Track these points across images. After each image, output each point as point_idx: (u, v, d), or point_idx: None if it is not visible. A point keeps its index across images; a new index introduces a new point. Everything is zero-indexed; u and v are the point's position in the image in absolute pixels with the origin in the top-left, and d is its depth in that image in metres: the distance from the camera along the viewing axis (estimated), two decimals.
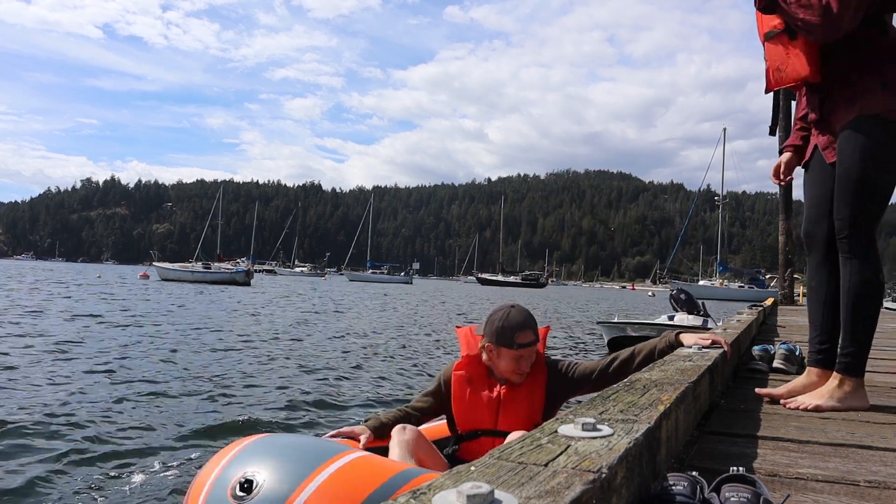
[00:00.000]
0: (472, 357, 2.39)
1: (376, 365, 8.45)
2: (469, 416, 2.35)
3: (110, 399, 5.47)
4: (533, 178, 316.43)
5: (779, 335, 5.22)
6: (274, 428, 4.70)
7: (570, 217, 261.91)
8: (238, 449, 1.88)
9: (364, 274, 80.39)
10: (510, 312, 2.30)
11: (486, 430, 2.32)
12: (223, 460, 1.85)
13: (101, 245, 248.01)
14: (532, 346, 2.28)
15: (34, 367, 6.82)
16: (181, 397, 5.74)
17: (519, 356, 2.27)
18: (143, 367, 7.19)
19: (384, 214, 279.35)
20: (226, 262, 48.62)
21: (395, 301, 27.98)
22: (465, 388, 2.36)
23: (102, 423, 4.69)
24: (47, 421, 4.63)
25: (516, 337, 2.24)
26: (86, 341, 9.08)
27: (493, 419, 2.32)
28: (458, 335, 2.55)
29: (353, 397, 6.19)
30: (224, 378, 6.73)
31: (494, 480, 0.68)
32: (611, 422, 1.00)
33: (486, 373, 2.37)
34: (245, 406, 5.53)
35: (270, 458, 1.78)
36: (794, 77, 2.03)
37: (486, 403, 2.33)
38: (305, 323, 14.17)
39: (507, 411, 2.30)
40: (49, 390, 5.70)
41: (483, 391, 2.34)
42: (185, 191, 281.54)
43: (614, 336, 10.24)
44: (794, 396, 2.03)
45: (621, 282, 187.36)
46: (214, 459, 1.91)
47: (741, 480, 0.92)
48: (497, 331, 2.28)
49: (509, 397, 2.31)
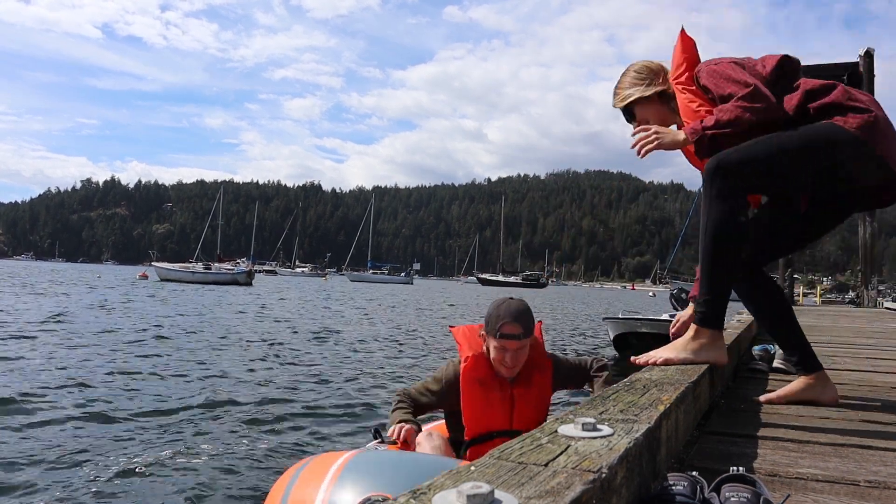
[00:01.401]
0: (476, 357, 2.32)
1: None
2: (482, 418, 2.28)
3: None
4: (533, 178, 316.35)
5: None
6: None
7: (570, 217, 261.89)
8: (336, 468, 1.69)
9: (365, 274, 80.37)
10: (504, 303, 2.29)
11: (500, 430, 2.26)
12: (323, 483, 1.65)
13: (102, 245, 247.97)
14: (516, 340, 2.21)
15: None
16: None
17: (502, 347, 2.22)
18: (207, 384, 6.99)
19: (384, 214, 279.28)
20: (226, 262, 48.51)
21: (407, 301, 27.94)
22: (475, 390, 2.28)
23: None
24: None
25: (501, 326, 2.20)
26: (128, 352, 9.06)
27: (507, 420, 2.27)
28: (455, 335, 2.46)
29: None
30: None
31: (494, 480, 0.67)
32: (611, 422, 1.00)
33: (493, 372, 2.31)
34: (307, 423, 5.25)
35: (393, 477, 1.60)
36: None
37: (499, 404, 2.27)
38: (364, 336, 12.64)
39: (521, 410, 2.26)
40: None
41: (494, 392, 2.28)
42: (185, 191, 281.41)
43: (620, 332, 10.21)
44: (789, 400, 1.98)
45: (621, 282, 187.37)
46: (304, 482, 1.71)
47: (741, 480, 0.92)
48: (488, 318, 2.27)
49: (521, 396, 2.28)
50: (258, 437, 4.61)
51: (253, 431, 4.77)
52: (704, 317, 1.87)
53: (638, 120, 2.12)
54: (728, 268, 1.84)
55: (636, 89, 2.11)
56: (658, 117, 2.10)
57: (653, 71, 2.14)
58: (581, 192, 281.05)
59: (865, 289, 15.77)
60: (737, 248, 1.83)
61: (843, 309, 14.58)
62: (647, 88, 2.10)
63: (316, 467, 1.77)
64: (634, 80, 2.14)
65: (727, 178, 1.80)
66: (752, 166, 1.81)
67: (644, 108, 2.11)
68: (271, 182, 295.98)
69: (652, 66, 2.16)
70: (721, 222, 1.80)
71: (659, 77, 2.13)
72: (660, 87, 2.10)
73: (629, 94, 2.12)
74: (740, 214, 1.82)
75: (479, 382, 2.28)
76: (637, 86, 2.12)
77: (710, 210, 1.82)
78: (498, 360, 2.25)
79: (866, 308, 14.54)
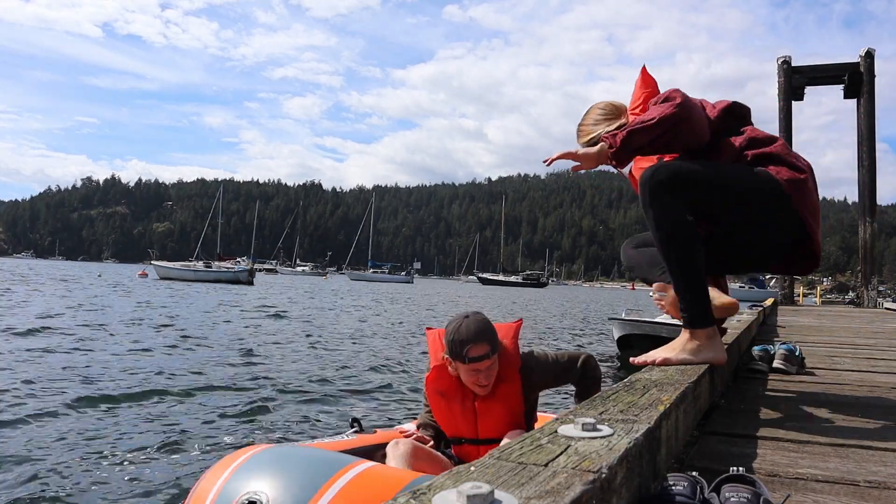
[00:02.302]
0: (440, 367, 2.29)
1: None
2: (450, 426, 2.32)
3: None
4: (533, 177, 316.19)
5: (778, 335, 5.21)
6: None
7: (571, 217, 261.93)
8: (237, 464, 1.75)
9: (365, 273, 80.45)
10: (462, 324, 2.19)
11: (469, 438, 2.29)
12: (221, 476, 1.73)
13: (102, 244, 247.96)
14: (486, 360, 2.16)
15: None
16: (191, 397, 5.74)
17: (474, 370, 2.17)
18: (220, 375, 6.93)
19: (384, 214, 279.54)
20: (226, 261, 48.51)
21: (412, 299, 27.93)
22: (439, 401, 2.30)
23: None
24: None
25: (467, 351, 2.14)
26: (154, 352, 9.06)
27: (472, 429, 2.28)
28: (428, 340, 2.43)
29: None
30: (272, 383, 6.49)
31: (494, 480, 0.68)
32: (611, 422, 1.00)
33: (457, 383, 2.27)
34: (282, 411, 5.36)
35: (274, 473, 1.66)
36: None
37: (461, 416, 2.27)
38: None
39: (486, 421, 2.25)
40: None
41: (456, 404, 2.27)
42: (186, 190, 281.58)
43: (625, 333, 10.18)
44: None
45: (621, 282, 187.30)
46: (211, 475, 1.78)
47: (741, 480, 0.92)
48: (449, 343, 2.19)
49: (485, 409, 2.24)
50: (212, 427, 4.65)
51: (250, 424, 4.79)
52: (691, 319, 1.84)
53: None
54: (693, 265, 1.81)
55: (600, 126, 2.16)
56: None
57: (617, 108, 2.21)
58: (581, 192, 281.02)
59: (865, 289, 15.78)
60: (694, 243, 1.80)
61: (843, 309, 14.58)
62: (611, 124, 2.15)
63: (226, 460, 1.83)
64: (599, 117, 2.19)
65: (666, 183, 1.82)
66: (686, 177, 1.83)
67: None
68: (271, 181, 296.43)
69: (616, 104, 2.23)
70: (672, 224, 1.80)
71: (623, 115, 2.19)
72: (623, 122, 2.14)
73: (593, 131, 2.16)
74: (685, 213, 1.82)
75: (440, 394, 2.29)
76: (600, 123, 2.18)
77: (656, 217, 1.82)
78: (473, 383, 2.21)
79: (866, 308, 14.55)
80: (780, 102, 16.37)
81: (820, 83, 17.38)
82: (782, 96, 16.37)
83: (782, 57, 16.65)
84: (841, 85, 16.64)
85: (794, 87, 16.56)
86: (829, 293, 71.57)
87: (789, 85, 16.36)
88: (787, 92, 16.35)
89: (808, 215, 1.82)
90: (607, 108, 2.21)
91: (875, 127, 15.76)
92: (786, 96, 16.36)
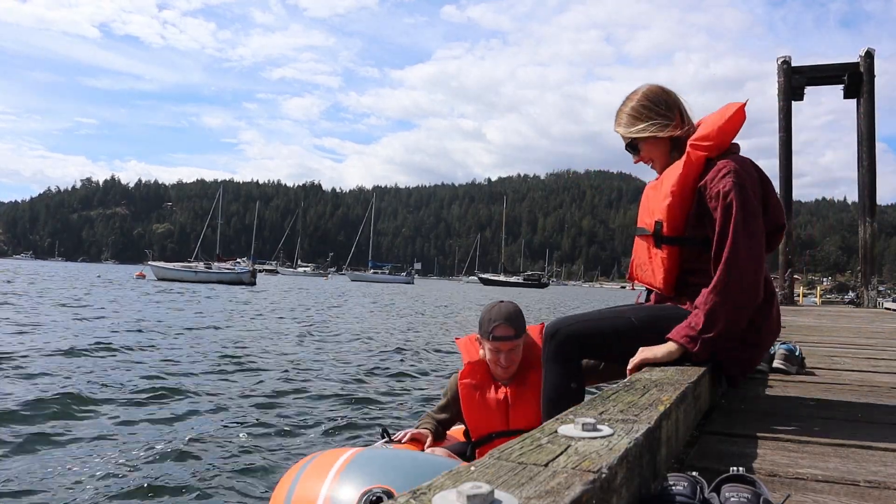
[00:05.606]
0: (474, 363, 2.42)
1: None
2: (481, 420, 2.38)
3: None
4: (533, 178, 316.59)
5: (778, 335, 5.20)
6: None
7: (570, 217, 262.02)
8: (342, 462, 1.73)
9: (366, 274, 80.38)
10: (495, 307, 2.36)
11: (499, 431, 2.34)
12: (327, 478, 1.69)
13: (101, 245, 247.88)
14: (509, 342, 2.29)
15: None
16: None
17: (496, 349, 2.30)
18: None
19: (384, 214, 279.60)
20: (225, 261, 48.36)
21: (414, 298, 27.86)
22: (472, 395, 2.38)
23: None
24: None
25: (493, 329, 2.28)
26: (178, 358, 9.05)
27: (503, 420, 2.34)
28: (459, 346, 2.58)
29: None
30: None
31: (494, 480, 0.67)
32: (611, 422, 1.00)
33: (490, 377, 2.39)
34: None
35: (393, 472, 1.65)
36: (648, 282, 2.01)
37: (494, 406, 2.35)
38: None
39: (517, 411, 2.32)
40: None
41: (489, 394, 2.37)
42: (185, 190, 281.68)
43: None
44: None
45: (621, 282, 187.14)
46: (311, 476, 1.74)
47: (741, 480, 0.92)
48: (481, 322, 2.35)
49: (516, 396, 2.33)
50: (264, 434, 4.64)
51: (261, 427, 4.79)
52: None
53: (641, 156, 1.99)
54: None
55: (652, 127, 1.91)
56: (662, 162, 1.96)
57: (669, 107, 1.92)
58: (581, 192, 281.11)
59: (865, 289, 15.77)
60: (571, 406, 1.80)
61: (843, 309, 14.58)
62: (663, 130, 1.90)
63: (321, 463, 1.81)
64: (650, 113, 1.92)
65: (563, 345, 1.85)
66: (587, 339, 1.86)
67: (652, 147, 1.96)
68: (271, 181, 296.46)
69: (669, 99, 1.94)
70: (555, 386, 1.85)
71: (674, 114, 1.92)
72: (674, 131, 1.90)
73: (641, 130, 1.92)
74: (572, 380, 1.85)
75: (473, 387, 2.38)
76: (653, 121, 1.91)
77: (545, 371, 1.88)
78: (493, 362, 2.34)
79: (866, 308, 14.54)
80: (779, 102, 16.36)
81: (820, 83, 17.37)
82: (782, 96, 16.36)
83: (782, 57, 16.65)
84: (841, 85, 16.64)
85: (794, 87, 16.55)
86: (829, 293, 71.57)
87: (789, 85, 16.35)
88: (787, 92, 16.34)
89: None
90: (655, 100, 1.92)
91: (875, 127, 15.75)
92: (785, 96, 16.35)
